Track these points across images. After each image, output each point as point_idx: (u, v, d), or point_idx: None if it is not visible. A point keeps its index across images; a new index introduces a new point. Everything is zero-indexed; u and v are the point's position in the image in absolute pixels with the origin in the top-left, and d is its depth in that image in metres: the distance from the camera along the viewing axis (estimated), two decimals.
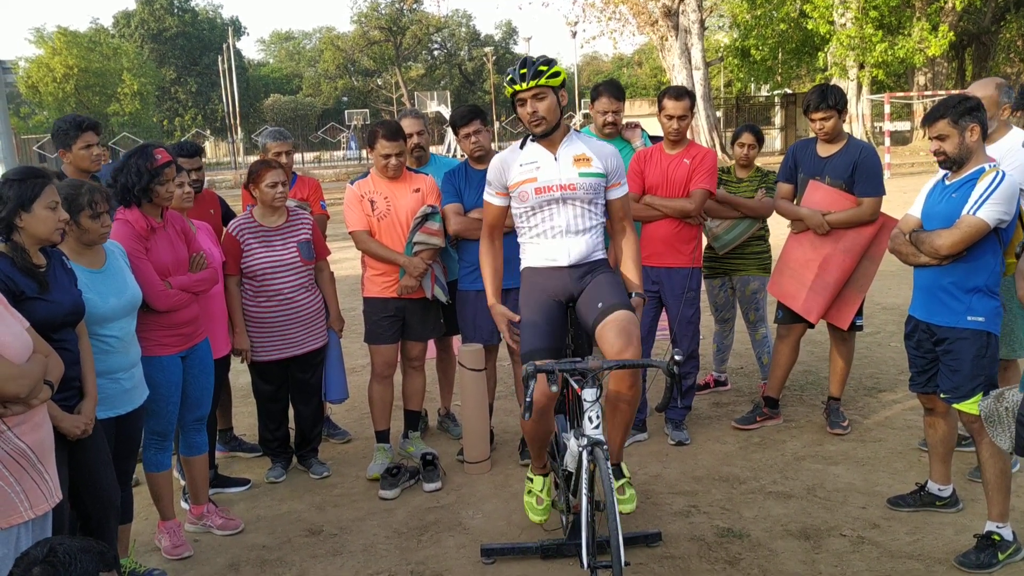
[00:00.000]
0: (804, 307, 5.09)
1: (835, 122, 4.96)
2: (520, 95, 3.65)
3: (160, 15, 57.69)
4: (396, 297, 4.92)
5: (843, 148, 5.01)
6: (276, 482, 4.98)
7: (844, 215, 4.91)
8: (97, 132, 4.62)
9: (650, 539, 4.00)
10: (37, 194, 3.06)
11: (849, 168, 4.93)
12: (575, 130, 3.89)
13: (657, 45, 32.26)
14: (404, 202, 4.89)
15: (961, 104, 3.65)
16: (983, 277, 3.70)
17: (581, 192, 3.71)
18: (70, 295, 3.22)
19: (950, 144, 3.67)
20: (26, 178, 3.08)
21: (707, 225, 5.69)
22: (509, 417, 5.73)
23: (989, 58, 34.02)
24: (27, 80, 46.18)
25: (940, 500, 4.18)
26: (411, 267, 4.82)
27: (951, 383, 3.80)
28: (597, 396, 3.23)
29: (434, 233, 4.84)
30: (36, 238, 3.10)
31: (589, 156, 3.73)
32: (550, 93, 3.64)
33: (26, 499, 2.71)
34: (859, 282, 5.03)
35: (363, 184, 4.97)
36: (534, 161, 3.74)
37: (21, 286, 3.02)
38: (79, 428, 3.18)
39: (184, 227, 4.21)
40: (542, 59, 3.68)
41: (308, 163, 40.38)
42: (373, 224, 4.90)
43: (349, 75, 64.02)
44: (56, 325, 3.12)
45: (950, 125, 3.65)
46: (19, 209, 3.04)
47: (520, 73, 3.62)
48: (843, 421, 5.25)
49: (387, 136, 4.82)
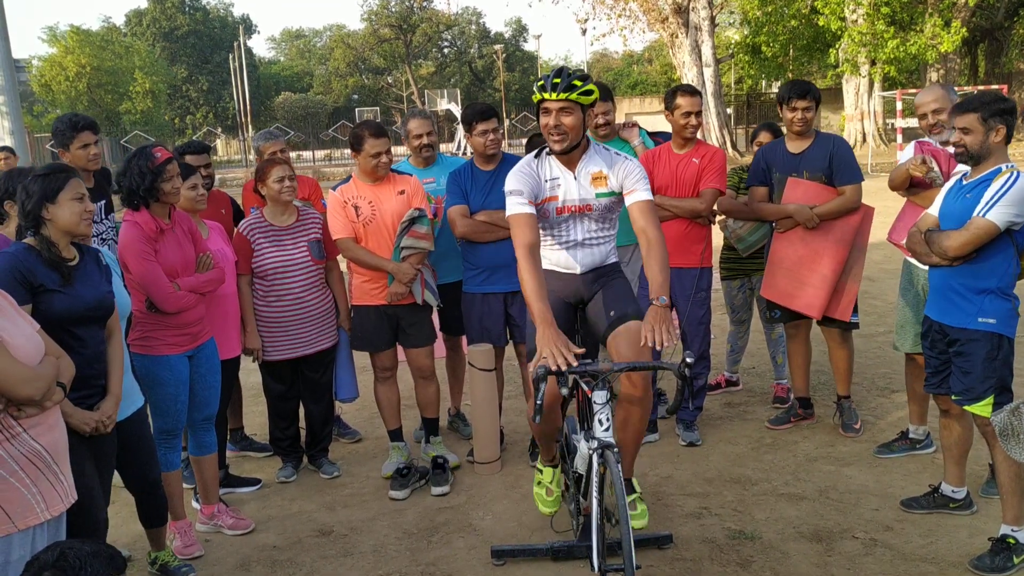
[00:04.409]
0: (806, 304, 5.05)
1: (814, 114, 4.99)
2: (546, 104, 3.50)
3: (172, 13, 57.93)
4: (386, 304, 4.86)
5: (815, 142, 5.02)
6: (287, 482, 4.98)
7: (831, 205, 4.90)
8: (94, 131, 4.62)
9: (661, 541, 3.98)
10: (61, 186, 3.14)
11: (826, 160, 4.95)
12: (594, 142, 3.76)
13: (667, 42, 32.19)
14: (389, 205, 4.80)
15: (995, 103, 3.62)
16: (995, 279, 3.66)
17: (596, 212, 3.70)
18: (96, 290, 3.24)
19: (973, 139, 3.64)
20: (51, 172, 3.17)
21: (730, 226, 5.67)
22: (519, 417, 5.71)
23: (1002, 54, 33.75)
24: (40, 79, 46.41)
25: (954, 502, 4.14)
26: (400, 273, 4.73)
27: (962, 385, 3.76)
28: (608, 398, 3.22)
29: (423, 237, 4.76)
30: (63, 230, 3.15)
31: (606, 174, 3.65)
32: (578, 110, 3.50)
33: (43, 500, 2.71)
34: (853, 272, 5.03)
35: (346, 189, 4.87)
36: (556, 178, 3.65)
37: (41, 278, 3.06)
38: (89, 425, 3.19)
39: (191, 227, 4.21)
40: (578, 73, 3.52)
41: (319, 161, 40.44)
42: (359, 230, 4.81)
43: (360, 73, 64.12)
44: (76, 319, 3.15)
45: (979, 121, 3.61)
46: (44, 201, 3.11)
47: (553, 82, 3.46)
48: (855, 423, 5.19)
49: (375, 134, 4.75)
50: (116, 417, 3.33)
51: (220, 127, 57.38)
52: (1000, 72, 33.76)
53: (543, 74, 3.60)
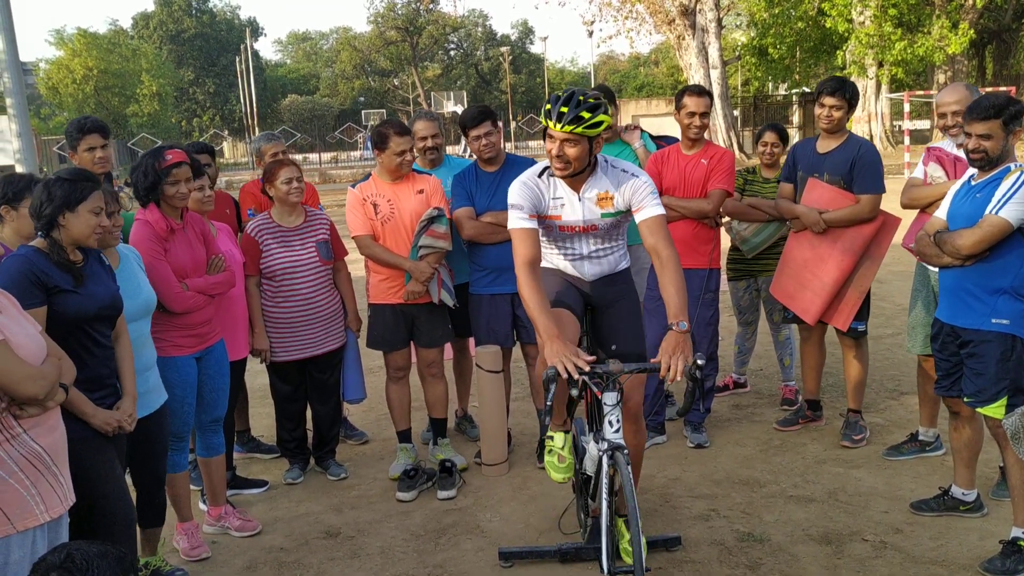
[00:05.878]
0: (802, 308, 5.02)
1: (843, 114, 4.86)
2: (550, 131, 3.34)
3: (178, 16, 58.11)
4: (403, 303, 4.86)
5: (842, 144, 4.90)
6: (294, 483, 4.98)
7: (842, 213, 4.80)
8: (103, 135, 4.61)
9: (670, 543, 3.96)
10: (84, 197, 3.13)
11: (847, 164, 4.82)
12: (603, 160, 3.54)
13: (674, 44, 32.14)
14: (408, 204, 4.81)
15: (1012, 107, 3.60)
16: (1008, 279, 3.63)
17: (602, 231, 3.62)
18: (107, 289, 3.26)
19: (993, 144, 3.61)
20: (77, 180, 3.15)
21: (735, 228, 5.63)
22: (526, 419, 5.70)
23: (1010, 56, 33.69)
24: (47, 81, 46.64)
25: (964, 505, 4.12)
26: (417, 272, 4.74)
27: (975, 386, 3.74)
28: (617, 400, 3.20)
29: (441, 236, 4.75)
30: (74, 239, 3.15)
31: (612, 195, 3.49)
32: (584, 140, 3.31)
33: (42, 502, 2.71)
34: (858, 283, 4.89)
35: (365, 187, 4.89)
36: (560, 198, 3.53)
37: (55, 280, 3.07)
38: (111, 425, 3.19)
39: (204, 229, 4.21)
40: (588, 103, 3.26)
41: (325, 163, 40.51)
42: (377, 228, 4.82)
43: (366, 75, 64.21)
44: (90, 318, 3.16)
45: (1001, 128, 3.59)
46: (64, 208, 3.10)
47: (559, 111, 3.26)
48: (856, 434, 5.06)
49: (400, 132, 4.77)
50: (136, 416, 3.34)
51: (227, 129, 57.49)
52: (1008, 74, 33.68)
53: (554, 93, 3.41)
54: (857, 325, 4.99)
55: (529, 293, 3.33)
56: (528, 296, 3.33)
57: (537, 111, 51.66)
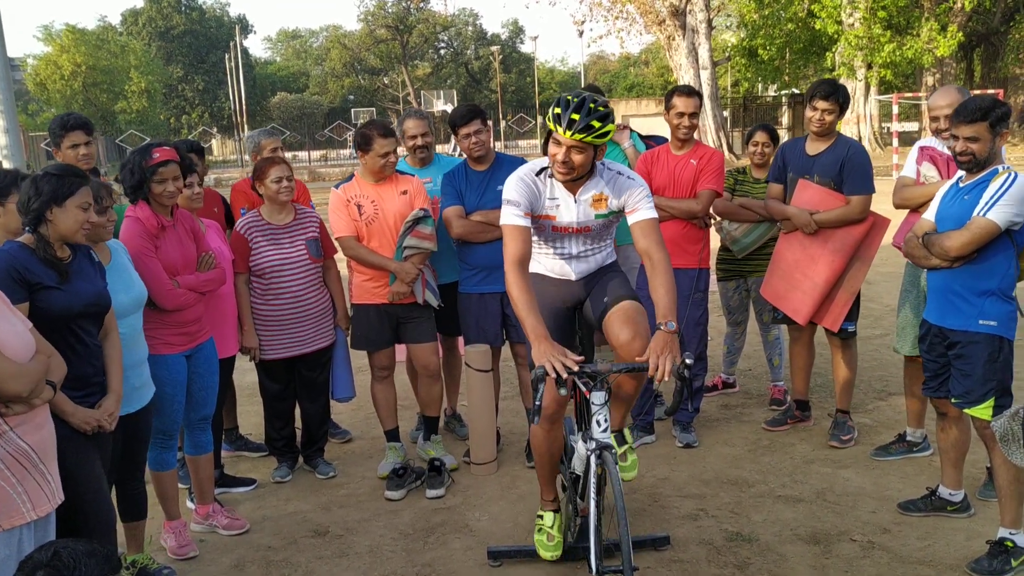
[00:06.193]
0: (793, 309, 5.03)
1: (835, 118, 4.90)
2: (558, 136, 3.29)
3: (167, 13, 57.78)
4: (387, 303, 4.85)
5: (832, 146, 4.93)
6: (282, 482, 4.96)
7: (832, 214, 4.82)
8: (86, 131, 4.60)
9: (658, 543, 3.97)
10: (72, 192, 3.12)
11: (837, 165, 4.85)
12: (600, 165, 3.52)
13: (664, 44, 32.21)
14: (392, 205, 4.79)
15: (998, 109, 3.62)
16: (996, 280, 3.66)
17: (595, 232, 3.63)
18: (93, 286, 3.24)
19: (981, 146, 3.63)
20: (64, 175, 3.15)
21: (725, 228, 5.64)
22: (515, 418, 5.70)
23: (998, 59, 33.82)
24: (35, 77, 46.28)
25: (951, 505, 4.14)
26: (402, 273, 4.73)
27: (962, 387, 3.76)
28: (606, 399, 3.20)
29: (426, 237, 4.75)
30: (61, 234, 3.14)
31: (606, 196, 3.50)
32: (590, 148, 3.30)
33: (29, 500, 2.69)
34: (849, 283, 4.92)
35: (348, 188, 4.86)
36: (556, 199, 3.52)
37: (39, 276, 3.05)
38: (90, 424, 3.17)
39: (194, 226, 4.20)
40: (599, 112, 3.22)
41: (315, 162, 40.39)
42: (361, 229, 4.80)
43: (356, 74, 64.04)
44: (75, 315, 3.14)
45: (988, 130, 3.61)
46: (52, 203, 3.09)
47: (570, 118, 3.21)
48: (845, 435, 5.09)
49: (384, 134, 4.75)
50: (118, 415, 3.32)
51: (216, 127, 57.27)
52: (996, 77, 33.83)
53: (562, 96, 3.31)
54: (847, 326, 5.01)
55: (517, 292, 3.31)
56: (516, 295, 3.31)
57: (527, 110, 51.78)
